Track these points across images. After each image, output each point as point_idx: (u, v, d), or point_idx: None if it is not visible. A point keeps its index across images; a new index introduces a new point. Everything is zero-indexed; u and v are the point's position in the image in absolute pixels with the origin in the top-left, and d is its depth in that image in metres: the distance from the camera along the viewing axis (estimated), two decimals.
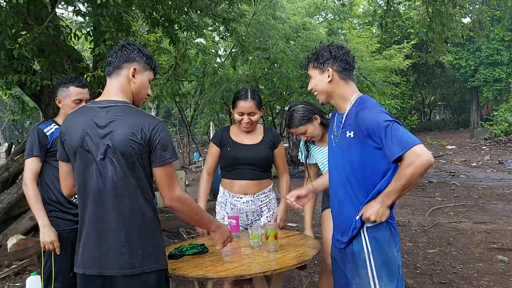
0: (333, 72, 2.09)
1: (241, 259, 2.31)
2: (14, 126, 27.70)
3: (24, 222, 5.40)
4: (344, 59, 2.09)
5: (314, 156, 2.92)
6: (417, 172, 1.85)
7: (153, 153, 1.85)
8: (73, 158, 1.91)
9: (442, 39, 11.14)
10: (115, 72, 1.93)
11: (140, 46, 2.01)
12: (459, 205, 7.72)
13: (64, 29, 4.28)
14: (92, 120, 1.86)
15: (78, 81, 2.72)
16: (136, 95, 1.97)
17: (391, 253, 2.04)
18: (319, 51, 2.13)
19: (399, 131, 1.90)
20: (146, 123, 1.84)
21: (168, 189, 1.88)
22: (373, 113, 1.98)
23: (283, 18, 12.26)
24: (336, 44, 2.15)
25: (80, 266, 1.89)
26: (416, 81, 27.85)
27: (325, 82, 2.11)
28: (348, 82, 2.12)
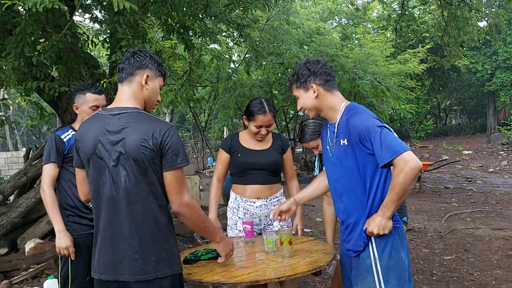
0: (317, 87, 2.14)
1: (255, 265, 2.31)
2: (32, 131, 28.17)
3: (41, 226, 5.48)
4: (323, 72, 2.14)
5: None
6: (408, 178, 1.89)
7: (165, 157, 1.87)
8: (87, 165, 1.94)
9: (458, 43, 11.02)
10: (128, 78, 1.95)
11: (151, 53, 2.03)
12: (476, 211, 7.61)
13: (81, 36, 4.35)
14: (104, 128, 1.89)
15: (94, 88, 2.75)
16: (147, 101, 2.00)
17: (399, 257, 2.05)
18: (298, 71, 2.19)
19: (389, 137, 1.94)
20: (158, 129, 1.85)
21: (177, 194, 1.89)
22: (363, 118, 2.02)
23: (297, 23, 12.29)
24: (312, 59, 2.21)
25: (96, 271, 1.92)
26: (431, 85, 27.58)
27: (312, 98, 2.16)
28: (333, 92, 2.17)
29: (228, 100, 12.50)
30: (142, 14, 3.92)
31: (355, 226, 2.13)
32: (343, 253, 2.27)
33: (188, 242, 5.77)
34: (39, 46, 3.71)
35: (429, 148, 20.67)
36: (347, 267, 2.24)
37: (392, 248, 2.04)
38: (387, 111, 13.38)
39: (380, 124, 1.99)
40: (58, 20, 3.94)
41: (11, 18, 3.76)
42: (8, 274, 4.83)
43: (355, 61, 11.31)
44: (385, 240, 2.04)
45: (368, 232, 2.04)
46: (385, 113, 12.50)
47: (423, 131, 24.87)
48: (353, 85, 10.79)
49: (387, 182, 2.05)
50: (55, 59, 4.02)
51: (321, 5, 16.51)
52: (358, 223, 2.11)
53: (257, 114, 2.84)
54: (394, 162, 1.90)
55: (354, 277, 2.12)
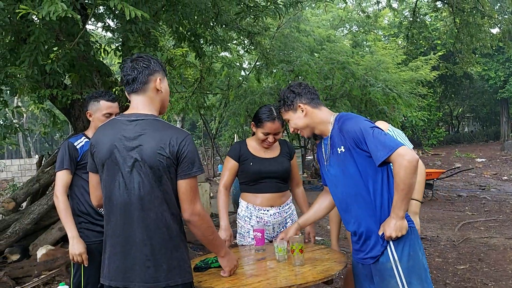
0: (304, 105, 2.23)
1: (266, 273, 2.29)
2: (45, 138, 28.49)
3: (53, 233, 5.52)
4: (306, 91, 2.26)
5: None
6: (409, 172, 1.92)
7: (180, 166, 1.86)
8: (101, 170, 1.94)
9: (471, 50, 10.94)
10: (142, 88, 1.93)
11: (151, 56, 2.03)
12: (490, 219, 7.50)
13: (94, 44, 4.40)
14: (121, 133, 1.88)
15: (108, 95, 2.77)
16: (162, 103, 2.01)
17: (417, 257, 2.06)
18: (283, 96, 2.29)
19: (382, 136, 1.99)
20: (174, 137, 1.85)
21: (190, 203, 1.89)
22: (355, 122, 2.08)
23: (307, 31, 12.31)
24: (294, 83, 2.32)
25: (106, 278, 1.92)
26: (443, 92, 27.38)
27: (302, 118, 2.24)
28: (320, 108, 2.26)
29: (238, 108, 12.53)
30: (153, 23, 3.95)
31: (369, 232, 2.12)
32: (356, 262, 2.25)
33: (198, 249, 5.76)
34: (53, 54, 3.76)
35: (442, 156, 20.46)
36: (361, 276, 2.22)
37: (410, 248, 2.05)
38: (398, 118, 13.30)
39: (372, 125, 2.05)
40: (71, 29, 3.99)
41: (26, 27, 3.81)
42: (20, 280, 4.86)
43: (366, 68, 11.29)
44: (403, 241, 2.05)
45: (386, 237, 2.04)
46: (397, 120, 12.43)
47: (435, 138, 24.65)
48: (364, 92, 10.76)
49: (391, 181, 2.07)
50: (68, 67, 4.07)
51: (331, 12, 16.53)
52: (371, 229, 2.11)
53: (265, 121, 2.84)
54: (391, 159, 1.95)
55: (378, 284, 2.11)
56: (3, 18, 3.45)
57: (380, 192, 2.07)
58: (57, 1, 2.97)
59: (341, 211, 2.26)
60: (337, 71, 11.04)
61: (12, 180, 14.26)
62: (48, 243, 5.39)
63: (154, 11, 4.24)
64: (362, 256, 2.18)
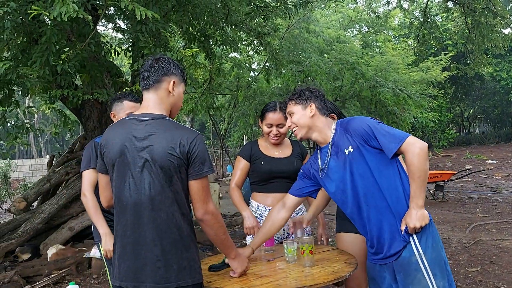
0: (315, 108, 2.25)
1: (276, 274, 2.28)
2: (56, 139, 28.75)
3: (63, 232, 5.56)
4: (323, 100, 2.29)
5: None
6: (422, 158, 1.95)
7: (191, 166, 1.86)
8: (111, 170, 1.93)
9: (482, 51, 10.84)
10: (154, 85, 1.94)
11: (173, 60, 2.04)
12: (502, 221, 7.40)
13: (104, 45, 4.43)
14: (131, 133, 1.88)
15: (131, 96, 2.81)
16: (173, 107, 2.01)
17: (437, 248, 2.07)
18: (301, 90, 2.31)
19: (389, 129, 2.05)
20: (185, 136, 1.85)
21: (203, 202, 1.89)
22: (361, 119, 2.13)
23: (317, 32, 12.28)
24: (315, 87, 2.36)
25: (116, 278, 1.91)
26: (454, 93, 27.12)
27: (307, 117, 2.25)
28: (327, 118, 2.28)
29: (247, 108, 12.53)
30: (164, 23, 3.97)
31: (382, 231, 2.10)
32: (373, 264, 2.22)
33: (207, 250, 5.77)
34: (64, 55, 3.78)
35: (452, 157, 20.27)
36: (379, 279, 2.20)
37: (433, 240, 2.07)
38: (408, 119, 13.20)
39: (377, 121, 2.12)
40: (82, 30, 4.02)
41: (37, 28, 3.85)
42: (30, 279, 4.90)
43: (376, 69, 11.23)
44: (426, 233, 2.05)
45: (411, 230, 2.02)
46: (407, 121, 12.33)
47: (446, 140, 24.42)
48: (374, 93, 10.69)
49: (402, 175, 2.09)
50: (78, 67, 4.10)
51: (341, 13, 16.48)
52: (383, 226, 2.10)
53: (267, 112, 2.86)
54: (402, 149, 1.98)
55: (402, 281, 2.08)
56: (15, 19, 3.48)
57: (394, 187, 2.07)
58: (69, 2, 3.00)
59: (352, 217, 2.23)
60: (346, 71, 11.00)
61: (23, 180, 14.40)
62: (58, 242, 5.44)
63: (164, 12, 4.25)
64: (381, 256, 2.15)
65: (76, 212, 5.72)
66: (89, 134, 5.10)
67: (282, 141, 2.96)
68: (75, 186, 5.67)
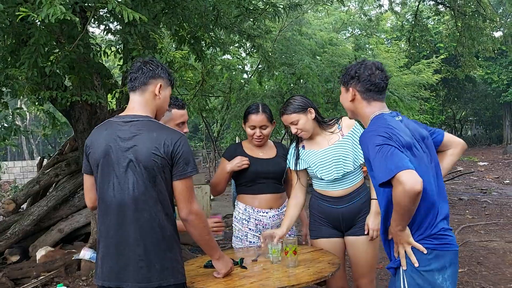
0: (355, 92, 2.07)
1: (260, 274, 2.30)
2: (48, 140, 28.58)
3: (52, 234, 5.55)
4: (368, 80, 2.03)
5: (305, 160, 2.80)
6: (401, 201, 1.76)
7: (175, 166, 1.89)
8: (96, 170, 1.96)
9: (472, 54, 10.94)
10: (141, 88, 1.97)
11: (161, 63, 2.07)
12: (490, 223, 7.47)
13: (94, 47, 4.43)
14: (116, 134, 1.91)
15: (179, 103, 2.56)
16: (159, 110, 2.04)
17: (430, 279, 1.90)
18: (347, 70, 2.12)
19: (387, 156, 1.80)
20: (169, 137, 1.88)
21: (187, 202, 1.92)
22: (367, 136, 1.95)
23: (309, 34, 12.31)
24: (366, 63, 2.08)
25: (99, 278, 1.94)
26: (446, 96, 27.32)
27: (347, 100, 2.12)
28: (371, 102, 2.06)
29: (240, 110, 12.53)
30: (153, 25, 3.98)
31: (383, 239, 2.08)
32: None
33: (197, 251, 5.77)
34: (52, 56, 3.78)
35: None
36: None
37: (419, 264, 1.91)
38: None
39: (381, 142, 1.85)
40: (71, 31, 4.02)
41: (26, 29, 3.84)
42: (19, 281, 4.89)
43: None
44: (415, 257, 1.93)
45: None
46: None
47: None
48: None
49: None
50: (67, 69, 4.09)
51: (333, 16, 16.53)
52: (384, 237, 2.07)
53: (250, 114, 2.88)
54: (391, 182, 1.78)
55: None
56: (3, 20, 3.47)
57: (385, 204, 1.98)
58: (56, 4, 3.00)
59: None
60: (338, 74, 11.06)
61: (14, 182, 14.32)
62: (47, 244, 5.42)
63: (153, 14, 4.26)
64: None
65: (66, 214, 5.71)
66: (79, 136, 5.09)
67: (266, 142, 2.98)
68: (64, 188, 5.67)
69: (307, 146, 2.82)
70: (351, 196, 2.73)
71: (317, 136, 2.79)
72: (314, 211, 2.85)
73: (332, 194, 2.75)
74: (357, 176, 2.75)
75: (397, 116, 2.06)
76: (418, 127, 2.10)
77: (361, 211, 2.73)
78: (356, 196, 2.73)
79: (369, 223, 2.65)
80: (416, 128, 2.08)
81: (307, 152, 2.80)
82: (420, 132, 2.06)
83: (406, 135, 1.94)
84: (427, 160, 1.99)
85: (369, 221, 2.66)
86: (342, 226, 2.76)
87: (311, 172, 2.79)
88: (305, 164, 2.80)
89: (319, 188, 2.81)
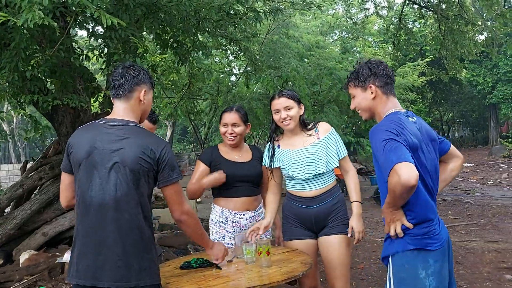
0: (376, 88, 2.13)
1: (233, 274, 2.36)
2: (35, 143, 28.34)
3: (37, 238, 5.54)
4: (384, 74, 2.12)
5: (279, 158, 2.86)
6: (395, 190, 1.85)
7: (161, 173, 1.98)
8: (77, 170, 2.00)
9: (455, 57, 11.11)
10: (125, 95, 2.04)
11: (142, 67, 2.13)
12: (471, 223, 7.60)
13: (76, 50, 4.46)
14: (102, 136, 1.97)
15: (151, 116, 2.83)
16: (143, 113, 2.11)
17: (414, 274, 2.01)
18: (359, 70, 2.17)
19: (391, 150, 1.88)
20: (155, 144, 1.97)
21: (178, 204, 2.05)
22: (376, 131, 2.01)
23: (296, 37, 12.42)
24: (374, 60, 2.18)
25: (73, 276, 1.96)
26: (433, 98, 27.61)
27: (368, 99, 2.15)
28: (389, 97, 2.14)
29: None
30: (134, 30, 4.02)
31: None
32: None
33: (182, 254, 5.80)
34: (33, 60, 3.81)
35: None
36: None
37: (405, 260, 2.03)
38: None
39: (387, 137, 1.93)
40: (52, 35, 4.05)
41: (7, 33, 3.86)
42: (2, 285, 4.87)
43: None
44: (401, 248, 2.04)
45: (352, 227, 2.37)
46: None
47: None
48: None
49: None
50: (49, 73, 4.12)
51: (320, 19, 16.67)
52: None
53: (223, 113, 2.99)
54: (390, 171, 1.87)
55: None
56: None
57: None
58: (35, 9, 3.04)
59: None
60: (324, 76, 11.16)
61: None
62: (31, 248, 5.41)
63: (135, 19, 4.30)
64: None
65: (50, 217, 5.70)
66: (62, 139, 5.10)
67: (240, 143, 3.03)
68: (48, 191, 5.66)
69: (282, 146, 2.88)
70: (323, 197, 2.78)
71: (295, 136, 2.85)
72: (287, 212, 2.90)
73: (304, 195, 2.80)
74: (329, 177, 2.82)
75: (412, 116, 2.13)
76: (430, 130, 2.19)
77: (332, 212, 2.78)
78: (328, 197, 2.79)
79: (353, 225, 2.70)
80: (428, 130, 2.16)
81: (282, 151, 2.86)
82: (430, 134, 2.15)
83: (416, 137, 2.01)
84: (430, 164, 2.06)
85: (353, 223, 2.70)
86: (314, 227, 2.81)
87: (284, 170, 2.85)
88: (279, 162, 2.86)
89: (292, 188, 2.87)
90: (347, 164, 2.87)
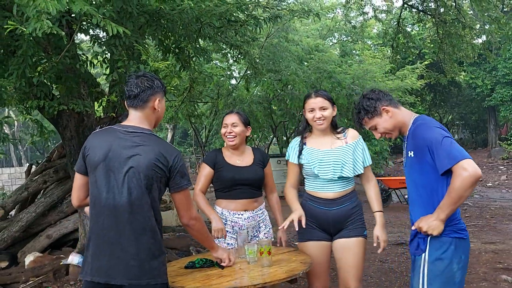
0: (387, 107, 2.30)
1: (236, 274, 2.45)
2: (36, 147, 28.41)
3: (41, 240, 5.64)
4: (383, 94, 2.33)
5: (305, 156, 2.90)
6: (464, 185, 1.96)
7: (173, 179, 2.11)
8: (93, 172, 2.10)
9: (453, 60, 11.21)
10: (141, 105, 2.14)
11: (154, 75, 2.24)
12: (469, 225, 7.69)
13: (81, 57, 4.57)
14: (119, 141, 2.08)
15: None
16: (157, 120, 2.24)
17: (449, 267, 2.11)
18: (362, 106, 2.35)
19: (450, 145, 2.03)
20: (169, 152, 2.10)
21: (187, 210, 2.18)
22: (429, 127, 2.14)
23: (296, 41, 12.52)
24: (366, 92, 2.40)
25: (87, 274, 2.07)
26: (432, 100, 27.72)
27: (389, 120, 2.30)
28: (400, 107, 2.33)
29: None
30: (137, 37, 4.13)
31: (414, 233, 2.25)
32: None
33: (184, 255, 5.90)
34: (40, 67, 3.91)
35: None
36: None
37: (444, 254, 2.12)
38: None
39: (445, 134, 2.08)
40: (58, 42, 4.15)
41: (14, 41, 3.97)
42: (7, 286, 4.97)
43: (353, 77, 11.51)
44: (437, 245, 2.13)
45: (416, 226, 2.16)
46: None
47: None
48: (350, 101, 10.97)
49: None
50: (55, 79, 4.22)
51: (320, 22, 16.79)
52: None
53: (224, 116, 3.11)
54: (453, 169, 1.99)
55: (411, 279, 2.24)
56: None
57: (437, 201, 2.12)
58: (43, 19, 3.14)
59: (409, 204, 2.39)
60: (324, 80, 11.26)
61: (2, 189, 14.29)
62: (36, 250, 5.50)
63: (138, 26, 4.41)
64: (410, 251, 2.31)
65: (54, 220, 5.80)
66: (67, 143, 5.20)
67: (241, 146, 3.11)
68: (52, 194, 5.76)
69: (308, 144, 2.93)
70: (343, 199, 2.84)
71: (324, 136, 2.90)
72: (305, 213, 2.88)
73: (325, 196, 2.85)
74: (350, 181, 2.90)
75: None
76: None
77: (351, 215, 2.84)
78: (348, 200, 2.85)
79: (378, 235, 2.78)
80: None
81: (308, 149, 2.91)
82: None
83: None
84: None
85: (378, 233, 2.79)
86: (331, 229, 2.85)
87: (308, 168, 2.88)
88: (305, 159, 2.90)
89: (312, 189, 2.92)
90: (370, 173, 2.94)
